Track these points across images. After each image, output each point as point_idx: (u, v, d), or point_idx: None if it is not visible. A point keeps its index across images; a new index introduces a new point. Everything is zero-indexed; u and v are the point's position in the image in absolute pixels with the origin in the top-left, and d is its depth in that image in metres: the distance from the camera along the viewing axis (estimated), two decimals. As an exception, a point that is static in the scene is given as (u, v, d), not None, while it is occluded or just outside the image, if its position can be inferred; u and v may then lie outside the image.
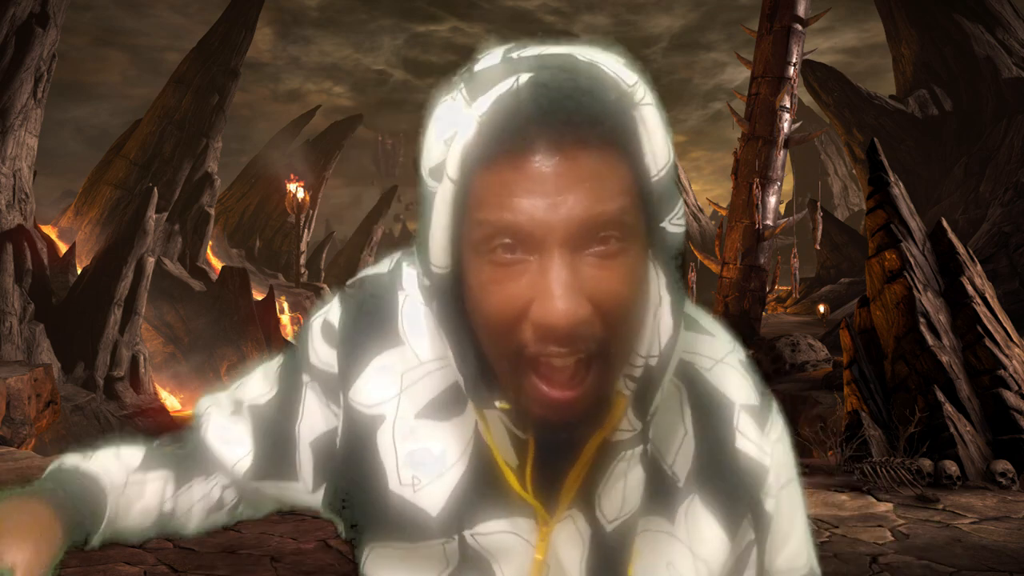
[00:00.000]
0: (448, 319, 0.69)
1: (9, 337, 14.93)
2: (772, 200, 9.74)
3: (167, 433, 0.93)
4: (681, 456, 0.74)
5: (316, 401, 0.79)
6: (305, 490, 0.81)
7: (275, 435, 0.82)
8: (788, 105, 9.65)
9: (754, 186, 9.44)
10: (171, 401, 19.81)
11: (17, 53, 17.29)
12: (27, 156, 17.84)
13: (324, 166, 32.06)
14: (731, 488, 0.74)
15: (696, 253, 10.90)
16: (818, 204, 12.48)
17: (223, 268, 24.12)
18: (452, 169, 0.65)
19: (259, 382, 0.86)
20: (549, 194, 0.61)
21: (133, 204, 19.04)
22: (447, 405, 0.74)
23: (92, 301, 16.85)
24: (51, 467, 0.85)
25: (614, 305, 0.63)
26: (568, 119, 0.61)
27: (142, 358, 17.70)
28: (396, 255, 0.82)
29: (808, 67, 23.79)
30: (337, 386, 0.78)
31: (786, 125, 9.63)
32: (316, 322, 0.81)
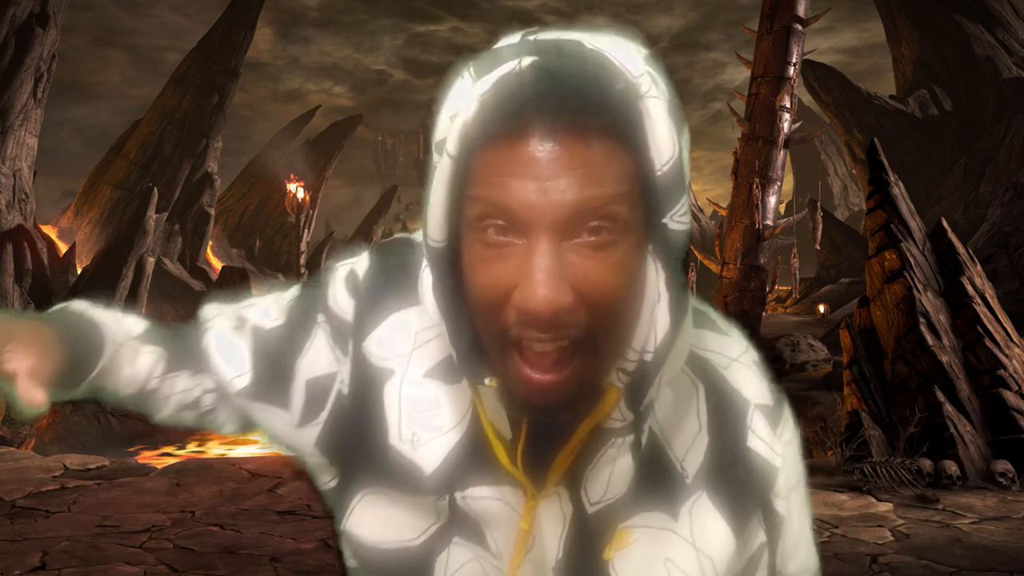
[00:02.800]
0: (442, 293, 0.70)
1: (9, 337, 14.93)
2: (772, 200, 9.73)
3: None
4: (693, 452, 0.74)
5: (324, 343, 0.80)
6: (291, 422, 0.82)
7: (275, 362, 0.82)
8: (788, 105, 9.64)
9: (754, 186, 9.44)
10: (171, 401, 19.81)
11: (17, 53, 17.29)
12: (27, 156, 17.84)
13: (324, 166, 32.06)
14: (740, 486, 0.74)
15: (696, 253, 10.89)
16: (818, 204, 12.48)
17: (223, 268, 24.11)
18: (452, 145, 0.65)
19: (270, 307, 0.87)
20: (540, 178, 0.61)
21: (133, 204, 19.05)
22: (454, 369, 0.75)
23: (92, 301, 16.86)
24: (57, 306, 0.89)
25: (600, 295, 0.63)
26: (566, 105, 0.61)
27: (142, 358, 17.71)
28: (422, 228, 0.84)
29: (808, 67, 23.79)
30: (348, 334, 0.78)
31: (786, 125, 9.63)
32: (342, 269, 0.82)
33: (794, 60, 9.70)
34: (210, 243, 25.75)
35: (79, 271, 18.16)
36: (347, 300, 0.80)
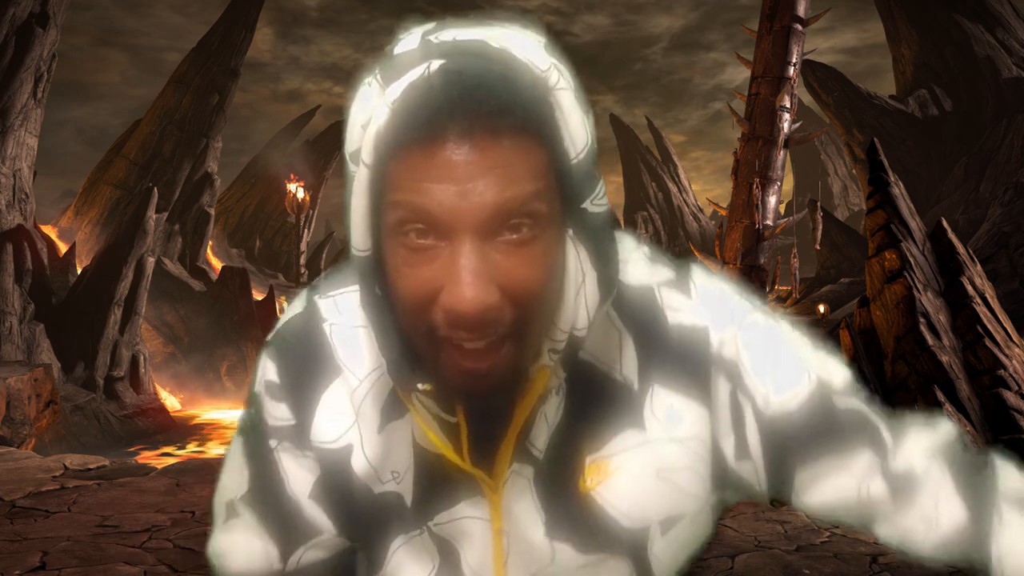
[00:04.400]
0: (370, 302, 0.70)
1: (9, 337, 14.92)
2: (772, 200, 9.73)
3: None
4: (626, 360, 0.74)
5: (291, 458, 0.79)
6: (333, 537, 0.81)
7: (278, 511, 0.81)
8: (788, 105, 9.64)
9: (754, 186, 9.44)
10: (171, 401, 19.81)
11: (17, 53, 17.29)
12: (27, 156, 17.83)
13: (324, 166, 32.05)
14: (682, 362, 0.75)
15: (696, 253, 10.90)
16: (818, 204, 12.48)
17: (223, 268, 24.13)
18: (367, 154, 0.65)
19: (235, 475, 0.84)
20: (460, 181, 0.61)
21: (133, 204, 19.04)
22: (397, 404, 0.75)
23: (92, 301, 16.85)
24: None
25: (525, 291, 0.64)
26: (478, 108, 0.61)
27: (142, 358, 17.69)
28: (304, 294, 0.82)
29: (808, 67, 23.78)
30: (300, 434, 0.78)
31: (786, 125, 9.63)
32: (259, 388, 0.80)
33: (794, 60, 9.69)
34: (210, 243, 25.74)
35: (79, 271, 18.14)
36: (279, 407, 0.79)
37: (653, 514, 0.74)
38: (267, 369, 0.80)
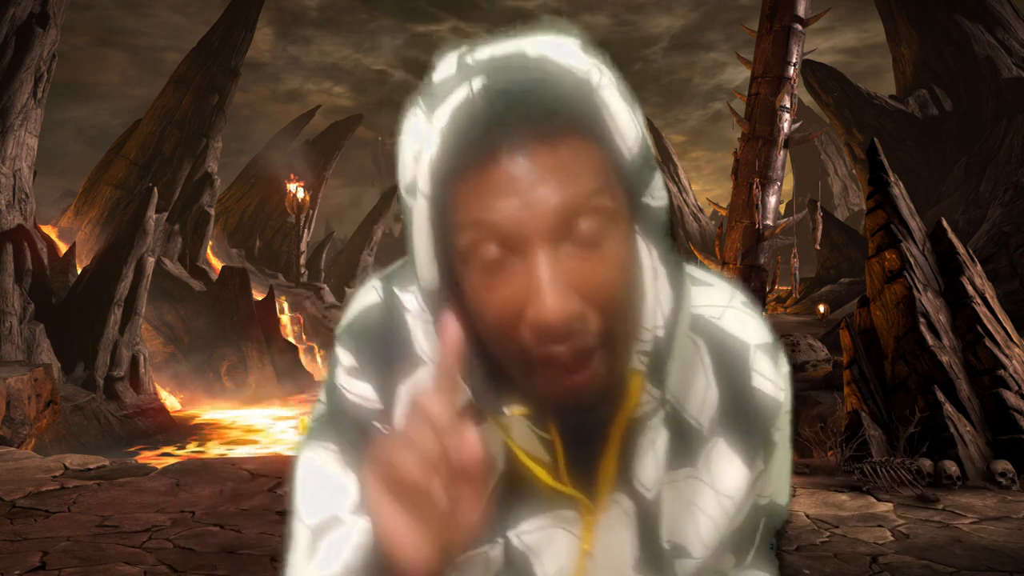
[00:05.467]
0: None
1: (9, 337, 14.92)
2: (772, 200, 9.73)
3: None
4: (706, 407, 0.76)
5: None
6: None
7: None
8: (788, 105, 9.64)
9: (754, 186, 9.44)
10: (171, 401, 19.81)
11: (17, 53, 17.29)
12: (27, 156, 17.83)
13: (324, 166, 32.06)
14: (749, 426, 0.77)
15: (696, 253, 10.89)
16: (818, 204, 12.47)
17: (223, 268, 24.12)
18: (423, 185, 0.65)
19: (339, 487, 0.74)
20: (521, 192, 0.62)
21: (133, 204, 19.04)
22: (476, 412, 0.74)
23: (92, 301, 16.85)
24: None
25: (605, 295, 0.64)
26: (526, 118, 0.61)
27: (142, 358, 17.69)
28: (375, 284, 0.79)
29: (808, 67, 23.79)
30: (387, 419, 0.75)
31: (786, 125, 9.62)
32: (339, 378, 0.77)
33: (794, 60, 9.69)
34: (210, 243, 25.74)
35: (79, 271, 18.14)
36: (365, 388, 0.75)
37: (681, 541, 0.76)
38: (345, 357, 0.77)
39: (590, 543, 0.73)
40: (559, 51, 0.65)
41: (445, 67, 0.66)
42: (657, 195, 0.68)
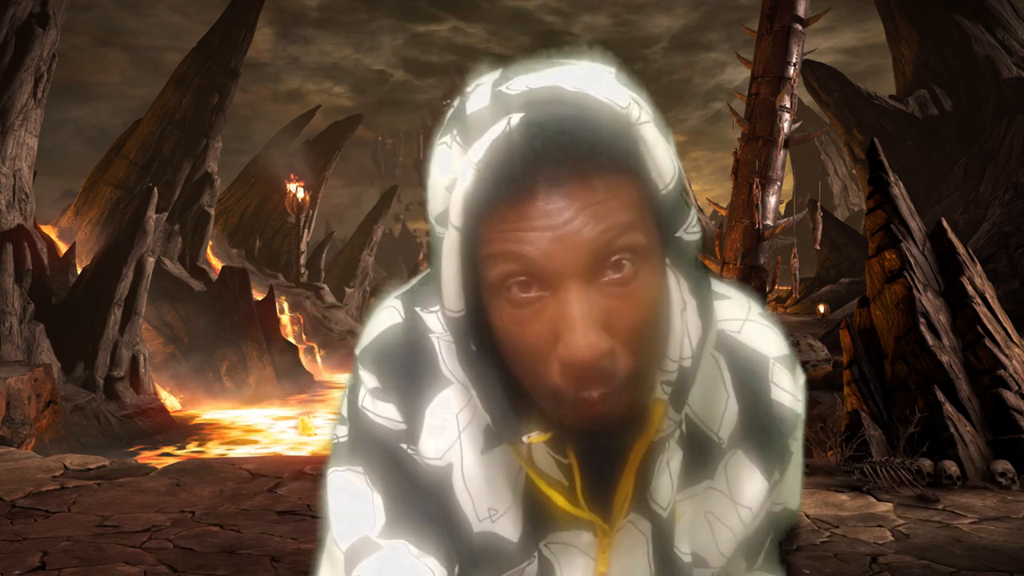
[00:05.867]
0: (467, 360, 0.70)
1: (9, 337, 14.92)
2: (772, 200, 9.72)
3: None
4: (726, 419, 0.76)
5: (411, 459, 0.76)
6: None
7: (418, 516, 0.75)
8: (788, 105, 9.63)
9: (754, 186, 9.44)
10: (171, 401, 19.80)
11: (17, 53, 17.28)
12: (27, 156, 17.83)
13: (324, 166, 32.04)
14: (768, 438, 0.77)
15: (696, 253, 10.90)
16: (818, 204, 12.47)
17: (223, 268, 24.11)
18: (455, 217, 0.65)
19: (367, 502, 0.75)
20: (555, 227, 0.61)
21: (133, 204, 19.03)
22: (494, 435, 0.74)
23: (92, 301, 16.84)
24: None
25: (635, 333, 0.64)
26: (564, 155, 0.61)
27: (142, 358, 17.69)
28: (395, 304, 0.78)
29: (808, 67, 23.78)
30: (412, 440, 0.75)
31: (786, 125, 9.62)
32: (364, 402, 0.76)
33: (794, 60, 9.69)
34: (210, 243, 25.74)
35: (79, 271, 18.13)
36: (389, 409, 0.75)
37: (700, 551, 0.77)
38: (368, 378, 0.76)
39: (606, 565, 0.74)
40: (598, 84, 0.64)
41: (479, 97, 0.66)
42: (691, 230, 0.68)
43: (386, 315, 0.78)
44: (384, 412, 0.75)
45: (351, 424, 0.77)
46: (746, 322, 0.78)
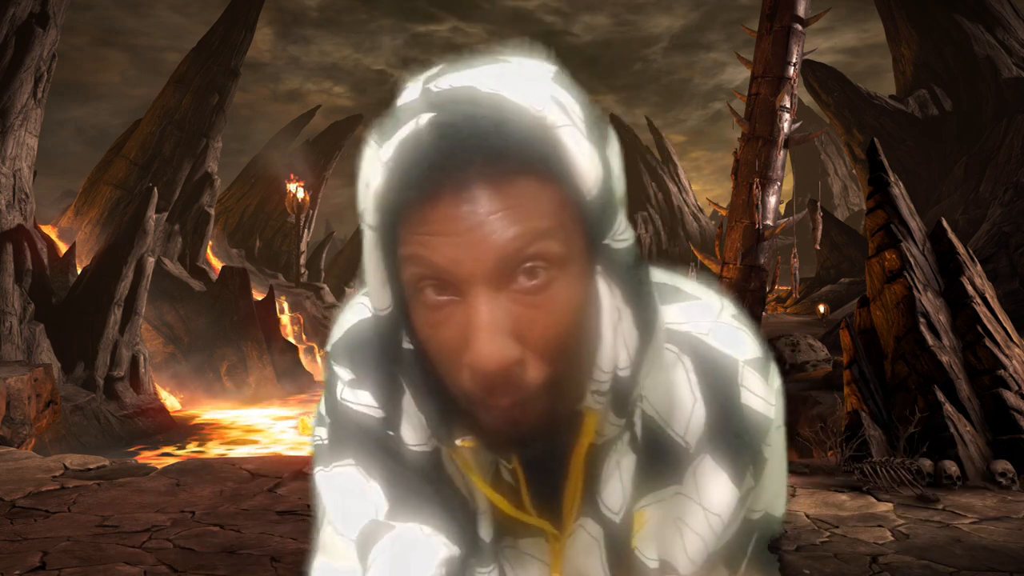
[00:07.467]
0: (397, 359, 0.69)
1: (9, 337, 14.92)
2: (772, 200, 9.72)
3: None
4: (693, 424, 0.74)
5: (396, 446, 0.76)
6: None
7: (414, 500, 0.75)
8: (788, 105, 9.63)
9: (754, 186, 9.44)
10: (171, 401, 19.81)
11: (17, 53, 17.29)
12: (27, 156, 17.83)
13: (324, 166, 32.06)
14: (738, 443, 0.75)
15: (696, 253, 10.89)
16: (818, 204, 12.47)
17: (223, 268, 24.12)
18: (370, 216, 0.65)
19: (359, 501, 0.74)
20: (461, 232, 0.60)
21: (133, 204, 19.03)
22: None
23: (92, 301, 16.85)
24: None
25: (548, 341, 0.62)
26: (471, 158, 0.59)
27: (142, 358, 17.69)
28: (362, 300, 0.78)
29: (808, 67, 23.79)
30: (393, 427, 0.75)
31: (786, 125, 9.62)
32: (342, 395, 0.76)
33: (794, 60, 9.69)
34: (210, 243, 25.74)
35: (79, 271, 18.14)
36: (365, 396, 0.75)
37: (668, 557, 0.75)
38: (343, 371, 0.76)
39: (559, 570, 0.73)
40: (515, 85, 0.62)
41: (409, 92, 0.65)
42: (620, 236, 0.66)
43: (355, 310, 0.78)
44: (365, 400, 0.75)
45: (333, 420, 0.77)
46: (715, 323, 0.76)
